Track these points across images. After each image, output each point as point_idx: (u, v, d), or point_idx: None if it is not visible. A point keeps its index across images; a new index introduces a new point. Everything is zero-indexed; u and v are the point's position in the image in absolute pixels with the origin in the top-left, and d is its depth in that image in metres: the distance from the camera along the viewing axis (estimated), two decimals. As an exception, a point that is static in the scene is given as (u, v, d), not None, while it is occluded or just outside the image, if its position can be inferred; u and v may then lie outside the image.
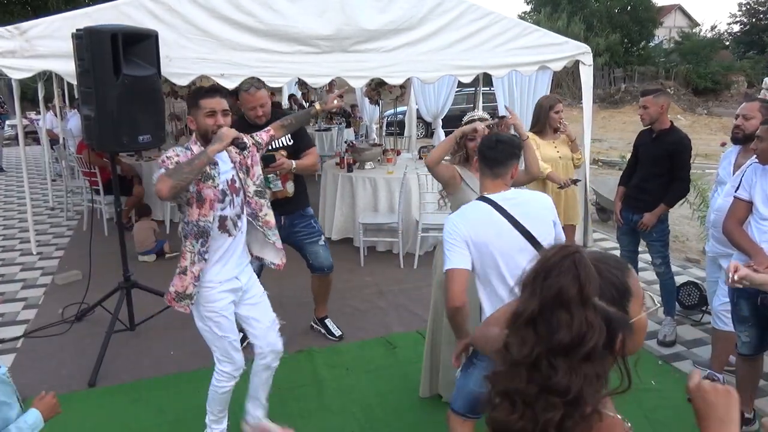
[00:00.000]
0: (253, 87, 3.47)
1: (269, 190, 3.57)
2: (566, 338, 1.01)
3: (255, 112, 3.48)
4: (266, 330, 2.83)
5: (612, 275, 1.09)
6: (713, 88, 25.75)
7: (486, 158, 2.34)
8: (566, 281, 1.03)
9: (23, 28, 4.30)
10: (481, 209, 2.26)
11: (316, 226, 3.87)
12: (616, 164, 11.34)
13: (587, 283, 1.03)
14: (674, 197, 3.92)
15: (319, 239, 3.85)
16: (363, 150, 6.31)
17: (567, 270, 1.04)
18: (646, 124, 3.92)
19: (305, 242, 3.81)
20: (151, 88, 3.51)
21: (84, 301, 4.33)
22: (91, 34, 3.21)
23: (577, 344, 1.01)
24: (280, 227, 3.65)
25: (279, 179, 3.59)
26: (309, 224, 3.81)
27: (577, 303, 1.02)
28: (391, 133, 9.42)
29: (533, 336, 1.05)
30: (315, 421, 3.17)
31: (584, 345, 1.01)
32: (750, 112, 3.31)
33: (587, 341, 1.00)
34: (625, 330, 1.05)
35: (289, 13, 4.81)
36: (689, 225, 7.21)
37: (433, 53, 5.31)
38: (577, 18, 26.85)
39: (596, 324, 1.01)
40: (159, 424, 3.15)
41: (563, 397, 1.01)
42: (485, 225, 2.22)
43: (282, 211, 3.66)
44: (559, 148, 4.34)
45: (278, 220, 3.62)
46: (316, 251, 3.85)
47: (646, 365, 3.72)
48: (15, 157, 12.76)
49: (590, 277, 1.04)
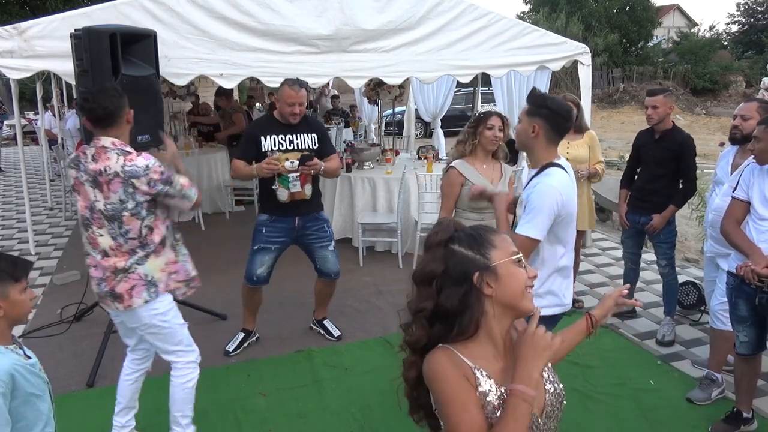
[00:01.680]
0: (297, 85, 3.49)
1: (287, 191, 3.60)
2: (419, 270, 1.40)
3: (293, 109, 3.50)
4: None
5: (476, 233, 1.40)
6: (711, 88, 25.77)
7: (564, 128, 2.37)
8: (431, 232, 1.43)
9: (22, 28, 4.30)
10: (565, 177, 2.32)
11: (329, 231, 3.86)
12: (615, 164, 11.34)
13: (443, 232, 1.40)
14: (683, 198, 3.91)
15: (329, 244, 3.85)
16: (362, 150, 6.30)
17: (436, 227, 1.44)
18: (654, 123, 3.85)
19: (315, 246, 3.81)
20: (150, 88, 3.51)
21: (82, 301, 4.32)
22: (89, 34, 3.21)
23: (426, 273, 1.38)
24: (292, 228, 3.69)
25: (299, 180, 3.59)
26: (321, 228, 3.81)
27: (435, 246, 1.40)
28: (390, 133, 9.41)
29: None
30: (314, 421, 3.17)
31: (429, 273, 1.38)
32: (748, 113, 3.32)
33: (428, 269, 1.38)
34: (483, 270, 1.34)
35: (288, 13, 4.82)
36: (688, 225, 7.22)
37: (431, 53, 5.32)
38: (576, 18, 26.85)
39: (438, 257, 1.38)
40: (158, 424, 3.14)
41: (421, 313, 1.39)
42: (572, 190, 2.33)
43: (297, 213, 3.69)
44: (572, 149, 4.27)
45: (292, 221, 3.67)
46: (325, 256, 3.84)
47: (645, 365, 3.73)
48: (13, 157, 12.75)
49: (447, 229, 1.40)
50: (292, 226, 3.70)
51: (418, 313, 1.39)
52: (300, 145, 3.62)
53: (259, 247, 3.70)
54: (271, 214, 3.68)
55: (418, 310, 1.38)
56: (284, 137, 3.59)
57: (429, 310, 1.36)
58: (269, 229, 3.68)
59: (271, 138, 3.57)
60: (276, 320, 4.34)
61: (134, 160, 2.48)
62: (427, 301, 1.37)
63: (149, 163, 2.50)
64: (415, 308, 1.39)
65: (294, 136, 3.61)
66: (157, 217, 2.62)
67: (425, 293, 1.38)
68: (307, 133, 3.65)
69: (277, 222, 3.68)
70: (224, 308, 4.43)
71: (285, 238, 3.73)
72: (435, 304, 1.36)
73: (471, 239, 1.38)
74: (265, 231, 3.68)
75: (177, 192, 2.60)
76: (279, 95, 3.58)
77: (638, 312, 4.48)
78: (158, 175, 2.52)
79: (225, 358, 3.81)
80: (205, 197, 6.96)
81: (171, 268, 2.71)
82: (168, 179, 2.56)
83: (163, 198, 2.58)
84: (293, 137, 3.61)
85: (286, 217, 3.67)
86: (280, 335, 4.13)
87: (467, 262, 1.35)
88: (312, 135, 3.66)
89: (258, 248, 3.70)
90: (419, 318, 1.39)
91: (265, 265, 3.73)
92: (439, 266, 1.36)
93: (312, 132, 3.67)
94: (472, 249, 1.36)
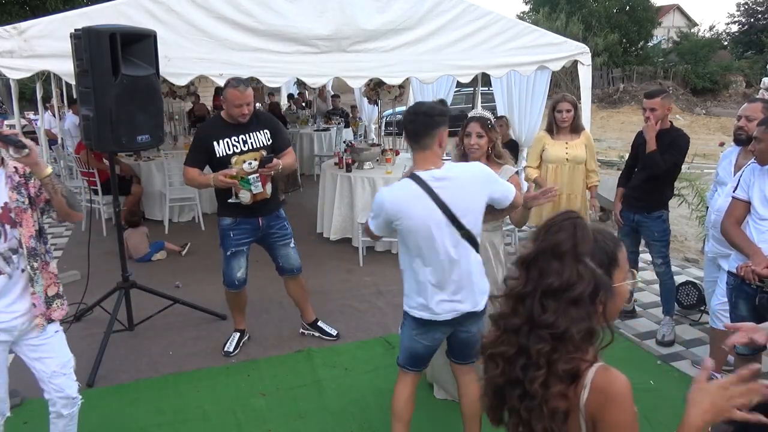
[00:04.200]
0: (242, 84, 3.43)
1: (249, 193, 3.55)
2: (556, 283, 1.21)
3: (241, 110, 3.44)
4: (52, 374, 2.43)
5: (605, 244, 1.28)
6: (711, 88, 25.76)
7: (408, 132, 2.35)
8: (564, 237, 1.23)
9: (21, 28, 4.29)
10: (409, 187, 2.32)
11: (288, 228, 3.86)
12: (614, 164, 11.35)
13: (582, 242, 1.23)
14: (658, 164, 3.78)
15: (290, 241, 3.85)
16: (362, 150, 6.30)
17: (566, 228, 1.24)
18: None
19: (278, 244, 3.80)
20: (150, 88, 3.51)
21: (82, 301, 4.30)
22: (89, 34, 3.21)
23: (566, 290, 1.20)
24: (257, 228, 3.68)
25: (260, 181, 3.55)
26: (283, 226, 3.81)
27: (571, 256, 1.22)
28: (390, 133, 9.40)
29: (525, 276, 1.27)
30: (314, 422, 3.16)
31: (571, 291, 1.20)
32: (753, 113, 3.31)
33: (575, 288, 1.20)
34: (607, 291, 1.22)
35: (287, 13, 4.81)
36: (688, 225, 7.22)
37: (431, 53, 5.31)
38: (576, 18, 26.83)
39: (586, 276, 1.21)
40: (158, 424, 3.14)
41: (552, 330, 1.20)
42: (406, 202, 2.31)
43: (260, 213, 3.67)
44: (571, 150, 4.30)
45: (256, 222, 3.65)
46: (287, 253, 3.84)
47: (645, 365, 3.73)
48: (13, 157, 12.72)
49: (586, 238, 1.23)
50: (256, 226, 3.69)
51: (576, 334, 1.20)
52: (254, 144, 3.56)
53: (231, 252, 3.69)
54: (234, 216, 3.65)
55: (580, 331, 1.20)
56: (237, 139, 3.53)
57: (585, 328, 1.21)
58: (236, 231, 3.66)
59: (223, 142, 3.50)
60: (276, 320, 4.34)
61: None
62: (584, 320, 1.20)
63: None
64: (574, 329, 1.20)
65: (246, 136, 3.55)
66: None
67: (553, 306, 1.22)
68: (259, 130, 3.60)
69: (242, 224, 3.66)
70: (224, 308, 4.42)
71: (251, 238, 3.74)
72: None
73: (603, 255, 1.26)
74: (233, 234, 3.66)
75: None
76: (224, 97, 3.51)
77: (638, 312, 4.48)
78: None
79: (225, 358, 3.82)
80: (205, 197, 6.97)
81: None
82: None
83: None
84: (246, 137, 3.55)
85: (250, 217, 3.65)
86: (280, 335, 4.13)
87: (598, 281, 1.22)
88: (264, 131, 3.61)
89: (231, 253, 3.69)
90: (570, 338, 1.20)
91: (242, 267, 3.74)
92: (583, 281, 1.20)
93: (263, 128, 3.61)
94: (602, 266, 1.25)
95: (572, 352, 1.20)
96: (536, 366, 1.21)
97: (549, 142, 4.35)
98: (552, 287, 1.21)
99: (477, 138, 3.07)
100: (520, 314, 1.26)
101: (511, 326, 1.27)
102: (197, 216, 6.92)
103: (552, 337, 1.20)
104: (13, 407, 3.24)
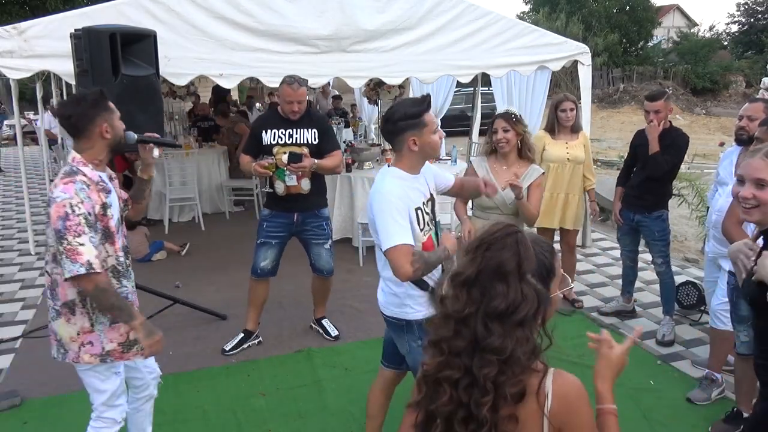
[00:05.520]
0: (296, 83, 3.54)
1: (283, 184, 3.66)
2: (502, 306, 1.17)
3: (291, 107, 3.56)
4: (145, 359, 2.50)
5: (544, 257, 1.26)
6: (711, 88, 25.79)
7: (384, 131, 2.36)
8: (507, 256, 1.19)
9: (21, 28, 4.30)
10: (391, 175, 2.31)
11: (327, 229, 3.91)
12: (614, 164, 11.34)
13: (525, 261, 1.19)
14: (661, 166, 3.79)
15: (326, 242, 3.89)
16: (362, 150, 6.31)
17: (509, 246, 1.20)
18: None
19: (312, 242, 3.87)
20: (150, 88, 3.50)
21: (82, 301, 4.31)
22: (89, 34, 3.21)
23: (512, 312, 1.17)
24: (292, 223, 3.76)
25: (294, 174, 3.65)
26: (320, 226, 3.86)
27: (515, 277, 1.18)
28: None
29: (466, 297, 1.21)
30: (314, 422, 3.16)
31: (517, 313, 1.17)
32: (755, 113, 3.31)
33: (521, 310, 1.17)
34: (547, 305, 1.23)
35: (287, 13, 4.82)
36: (688, 225, 7.22)
37: (431, 53, 5.32)
38: (576, 18, 26.86)
39: (530, 296, 1.18)
40: (158, 424, 3.13)
41: (499, 355, 1.17)
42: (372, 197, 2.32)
43: (296, 208, 3.75)
44: (571, 150, 4.31)
45: (291, 217, 3.74)
46: (319, 253, 3.89)
47: (645, 365, 3.73)
48: (13, 157, 12.75)
49: (529, 256, 1.20)
50: (291, 221, 3.78)
51: (523, 355, 1.20)
52: (299, 139, 3.66)
53: (261, 242, 3.81)
54: (272, 209, 3.80)
55: (525, 353, 1.20)
56: (284, 131, 3.66)
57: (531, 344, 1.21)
58: (270, 223, 3.79)
59: (271, 132, 3.66)
60: (276, 320, 4.34)
61: (58, 186, 2.07)
62: (529, 340, 1.20)
63: (60, 197, 2.03)
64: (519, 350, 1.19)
65: (294, 131, 3.67)
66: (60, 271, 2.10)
67: (499, 330, 1.19)
68: (308, 128, 3.69)
69: (277, 217, 3.77)
70: (224, 308, 4.43)
71: (284, 233, 3.82)
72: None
73: (542, 269, 1.24)
74: (266, 226, 3.79)
75: (60, 251, 2.02)
76: (279, 93, 3.66)
77: (638, 312, 4.48)
78: (56, 217, 2.01)
79: (225, 358, 3.81)
80: (205, 197, 6.96)
81: (82, 339, 2.22)
82: (61, 230, 2.00)
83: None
84: (293, 132, 3.67)
85: (286, 212, 3.76)
86: (280, 335, 4.13)
87: (540, 297, 1.21)
88: (312, 130, 3.69)
89: (260, 242, 3.81)
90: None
91: (268, 258, 3.81)
92: (527, 302, 1.19)
93: (312, 127, 3.70)
94: (542, 280, 1.23)
95: (518, 374, 1.18)
96: (483, 390, 1.18)
97: (549, 141, 4.36)
98: (497, 310, 1.17)
99: (503, 132, 3.16)
100: (463, 336, 1.21)
101: (455, 349, 1.21)
102: (197, 216, 6.92)
103: (498, 360, 1.17)
104: (13, 407, 3.25)
